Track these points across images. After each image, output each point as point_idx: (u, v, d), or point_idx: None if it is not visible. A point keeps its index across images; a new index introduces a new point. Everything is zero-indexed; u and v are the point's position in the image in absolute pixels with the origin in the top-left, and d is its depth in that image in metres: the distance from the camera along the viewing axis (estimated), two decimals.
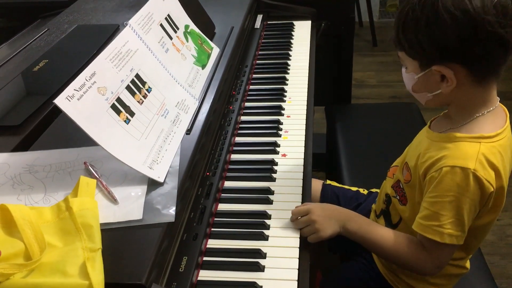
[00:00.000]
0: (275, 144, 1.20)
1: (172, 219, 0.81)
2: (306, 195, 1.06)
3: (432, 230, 0.90)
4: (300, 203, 1.03)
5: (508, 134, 0.92)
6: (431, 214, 0.90)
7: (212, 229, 0.97)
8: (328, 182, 1.35)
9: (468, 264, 1.07)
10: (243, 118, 1.32)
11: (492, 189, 0.87)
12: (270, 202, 1.03)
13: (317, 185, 1.32)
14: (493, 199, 0.90)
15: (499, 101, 0.93)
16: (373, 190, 1.30)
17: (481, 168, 0.86)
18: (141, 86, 0.98)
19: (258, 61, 1.59)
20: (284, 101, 1.39)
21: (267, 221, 0.98)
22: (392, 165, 1.11)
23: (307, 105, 1.37)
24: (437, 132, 0.96)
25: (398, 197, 1.04)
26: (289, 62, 1.58)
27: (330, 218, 1.00)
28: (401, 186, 1.03)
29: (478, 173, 0.85)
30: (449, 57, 0.85)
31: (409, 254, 0.96)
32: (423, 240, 0.94)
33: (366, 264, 1.15)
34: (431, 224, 0.90)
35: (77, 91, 0.83)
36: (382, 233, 1.00)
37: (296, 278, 0.86)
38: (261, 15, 1.83)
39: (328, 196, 1.30)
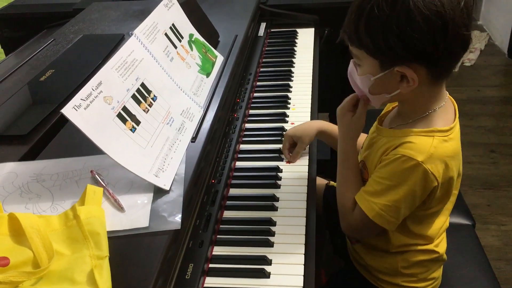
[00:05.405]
0: (280, 151, 1.21)
1: (178, 227, 0.82)
2: (311, 202, 1.07)
3: (367, 203, 0.93)
4: (304, 210, 1.04)
5: (458, 127, 0.94)
6: (373, 191, 0.93)
7: (218, 236, 0.97)
8: (332, 183, 1.35)
9: (440, 249, 1.06)
10: (248, 125, 1.33)
11: (436, 183, 0.89)
12: (275, 209, 1.04)
13: (320, 183, 1.33)
14: (440, 190, 0.91)
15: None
16: None
17: (430, 161, 0.87)
18: (146, 95, 1.00)
19: (262, 69, 1.60)
20: (288, 108, 1.40)
21: (272, 228, 0.98)
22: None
23: (311, 112, 1.37)
24: (390, 128, 0.97)
25: None
26: (292, 69, 1.59)
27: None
28: None
29: (426, 166, 0.87)
30: (417, 58, 0.83)
31: (345, 205, 1.01)
32: (357, 207, 0.96)
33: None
34: (369, 199, 0.93)
35: (84, 100, 0.84)
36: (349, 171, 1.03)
37: (302, 285, 0.86)
38: (265, 23, 1.84)
39: (330, 196, 1.29)
